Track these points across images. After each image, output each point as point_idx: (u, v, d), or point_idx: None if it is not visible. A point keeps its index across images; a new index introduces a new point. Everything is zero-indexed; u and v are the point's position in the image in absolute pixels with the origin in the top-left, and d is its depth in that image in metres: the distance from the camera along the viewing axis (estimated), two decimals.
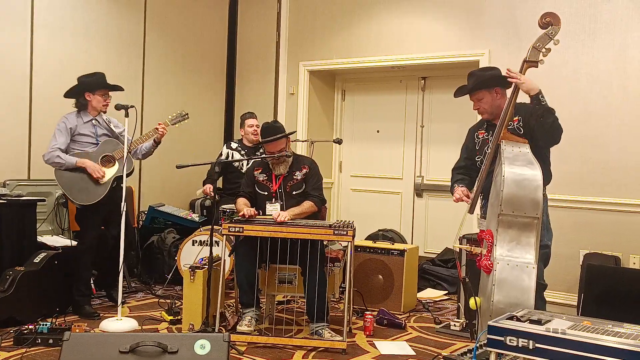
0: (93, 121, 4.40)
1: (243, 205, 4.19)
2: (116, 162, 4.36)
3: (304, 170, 4.27)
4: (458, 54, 5.50)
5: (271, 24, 6.65)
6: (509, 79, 3.29)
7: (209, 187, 5.32)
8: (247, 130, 5.52)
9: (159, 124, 4.49)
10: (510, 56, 5.07)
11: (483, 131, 3.63)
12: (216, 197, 4.58)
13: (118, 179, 4.34)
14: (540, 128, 3.25)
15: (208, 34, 6.72)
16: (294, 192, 4.21)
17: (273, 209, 4.15)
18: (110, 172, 4.34)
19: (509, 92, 3.37)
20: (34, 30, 5.09)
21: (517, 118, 3.41)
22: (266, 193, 4.24)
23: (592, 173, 4.77)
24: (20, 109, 5.05)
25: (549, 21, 3.18)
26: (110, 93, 4.47)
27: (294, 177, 4.24)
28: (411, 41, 5.75)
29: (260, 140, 4.39)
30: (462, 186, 3.60)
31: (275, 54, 6.64)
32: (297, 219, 4.01)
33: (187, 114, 4.65)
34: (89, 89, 4.36)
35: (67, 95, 4.41)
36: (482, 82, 3.51)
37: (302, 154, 5.57)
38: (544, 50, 3.19)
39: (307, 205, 4.15)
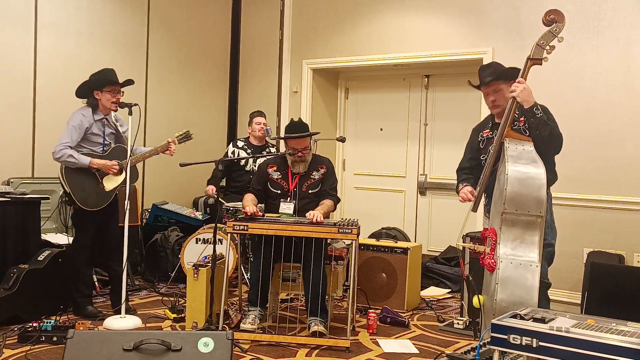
0: (103, 120, 4.32)
1: (250, 202, 4.19)
2: (123, 172, 4.28)
3: (322, 170, 4.28)
4: (461, 52, 5.49)
5: (274, 23, 6.65)
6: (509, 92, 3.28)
7: (211, 189, 5.34)
8: (254, 127, 5.55)
9: (170, 143, 4.41)
10: (514, 53, 5.07)
11: (488, 130, 3.61)
12: (219, 197, 4.58)
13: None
14: (538, 141, 3.23)
15: (211, 33, 6.72)
16: (310, 191, 4.23)
17: (287, 207, 4.16)
18: (117, 181, 4.30)
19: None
20: (37, 30, 5.10)
21: (523, 119, 3.40)
22: (279, 191, 4.24)
23: (595, 171, 4.75)
24: (24, 109, 5.05)
25: (553, 18, 3.17)
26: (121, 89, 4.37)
27: (312, 176, 4.26)
28: (414, 39, 5.75)
29: (279, 139, 4.36)
30: (467, 185, 3.58)
31: (279, 53, 6.64)
32: (304, 218, 4.01)
33: (192, 134, 4.58)
34: (96, 86, 4.24)
35: (78, 95, 4.31)
36: (502, 72, 3.46)
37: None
38: (547, 47, 3.17)
39: (330, 204, 4.19)
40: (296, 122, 4.31)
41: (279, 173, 4.29)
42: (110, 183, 4.30)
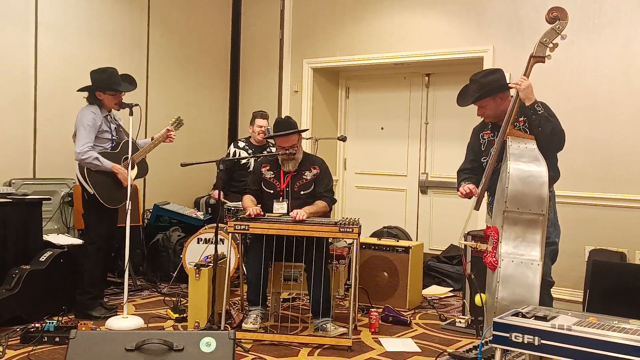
0: (108, 117, 4.35)
1: (249, 202, 4.19)
2: (136, 167, 4.35)
3: (314, 171, 4.25)
4: (462, 51, 5.49)
5: (275, 22, 6.65)
6: (510, 84, 3.29)
7: (216, 193, 5.33)
8: (255, 129, 5.53)
9: (170, 131, 4.50)
10: (514, 52, 5.07)
11: (488, 131, 3.61)
12: (221, 199, 4.59)
13: None
14: (541, 137, 3.23)
15: (212, 32, 6.72)
16: (301, 192, 4.20)
17: (280, 207, 4.15)
18: (131, 177, 4.31)
19: (513, 91, 3.35)
20: (37, 30, 5.10)
21: (522, 119, 3.40)
22: (272, 191, 4.23)
23: (597, 168, 4.75)
24: (24, 108, 5.06)
25: (556, 16, 3.16)
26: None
27: (303, 176, 4.23)
28: (415, 38, 5.75)
29: (267, 139, 4.35)
30: (468, 183, 3.58)
31: (279, 52, 6.63)
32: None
33: (183, 120, 4.67)
34: (100, 89, 4.28)
35: (82, 90, 4.34)
36: (485, 92, 3.46)
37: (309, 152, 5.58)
38: (550, 45, 3.17)
39: (322, 205, 4.15)
40: (282, 120, 4.27)
41: (271, 172, 4.27)
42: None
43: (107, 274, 4.68)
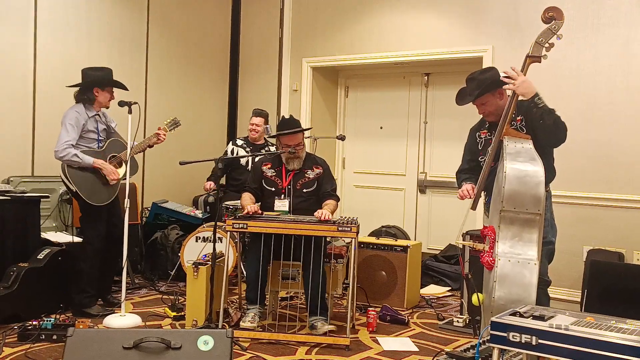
0: (96, 116, 4.34)
1: (248, 200, 4.20)
2: (123, 164, 4.34)
3: (317, 171, 4.27)
4: (461, 50, 5.49)
5: (274, 21, 6.65)
6: (505, 86, 3.28)
7: (209, 184, 5.37)
8: (249, 127, 5.53)
9: (160, 130, 4.51)
10: (514, 51, 5.07)
11: (485, 131, 3.61)
12: (218, 193, 4.58)
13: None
14: (542, 130, 3.22)
15: (211, 31, 6.72)
16: (304, 190, 4.22)
17: (282, 205, 4.16)
18: (119, 174, 4.33)
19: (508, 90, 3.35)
20: (37, 29, 5.10)
21: (520, 118, 3.40)
22: (273, 189, 4.24)
23: (595, 169, 4.76)
24: (23, 107, 5.06)
25: (552, 16, 3.16)
26: (115, 90, 4.42)
27: (306, 175, 4.25)
28: (414, 37, 5.75)
29: (272, 137, 4.36)
30: (468, 183, 3.58)
31: (279, 51, 6.63)
32: (304, 216, 4.02)
33: (180, 121, 4.70)
34: (99, 85, 4.28)
35: (75, 86, 4.33)
36: (484, 87, 3.46)
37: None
38: (547, 45, 3.17)
39: (335, 204, 4.20)
40: (287, 119, 4.30)
41: (273, 170, 4.29)
42: None
43: (112, 274, 4.65)
